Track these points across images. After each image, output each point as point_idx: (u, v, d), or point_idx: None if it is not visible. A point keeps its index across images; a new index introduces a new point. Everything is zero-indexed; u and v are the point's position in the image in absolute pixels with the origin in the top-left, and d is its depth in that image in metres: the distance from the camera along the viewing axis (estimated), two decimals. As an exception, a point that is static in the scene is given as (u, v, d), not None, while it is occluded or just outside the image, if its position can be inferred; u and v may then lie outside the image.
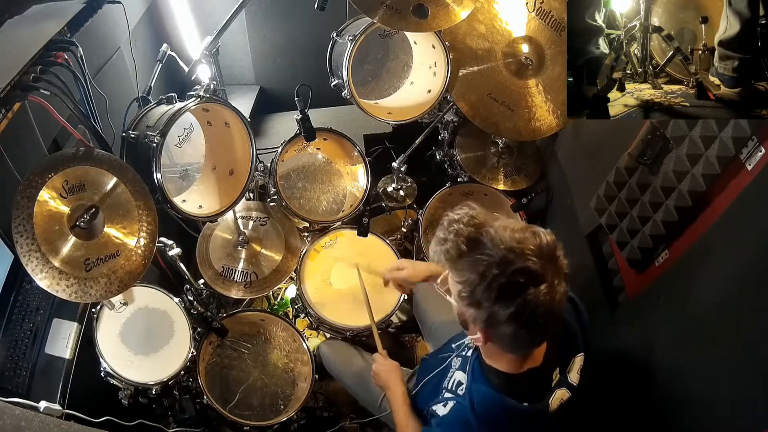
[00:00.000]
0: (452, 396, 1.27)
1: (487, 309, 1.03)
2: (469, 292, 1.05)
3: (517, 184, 2.41)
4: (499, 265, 1.00)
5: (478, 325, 1.08)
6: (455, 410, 1.21)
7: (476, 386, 1.19)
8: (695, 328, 1.35)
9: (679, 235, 1.48)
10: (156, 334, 1.81)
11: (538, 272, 0.99)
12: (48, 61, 1.48)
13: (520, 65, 2.03)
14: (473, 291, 1.04)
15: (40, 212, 1.34)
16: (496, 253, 1.01)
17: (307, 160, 2.29)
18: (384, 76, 2.29)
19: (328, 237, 2.20)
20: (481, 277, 1.01)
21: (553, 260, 1.02)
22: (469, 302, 1.06)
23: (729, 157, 1.29)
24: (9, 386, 1.46)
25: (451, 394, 1.29)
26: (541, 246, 1.01)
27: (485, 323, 1.05)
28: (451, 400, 1.26)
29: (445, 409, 1.25)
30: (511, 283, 0.99)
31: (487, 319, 1.04)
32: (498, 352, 1.16)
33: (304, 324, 2.18)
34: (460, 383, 1.28)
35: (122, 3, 2.02)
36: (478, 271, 1.02)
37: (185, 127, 1.90)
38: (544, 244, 1.02)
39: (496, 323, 1.03)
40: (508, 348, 1.12)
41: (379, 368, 1.61)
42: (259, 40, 3.00)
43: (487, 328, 1.07)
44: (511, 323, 1.02)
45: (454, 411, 1.22)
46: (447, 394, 1.30)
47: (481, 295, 1.02)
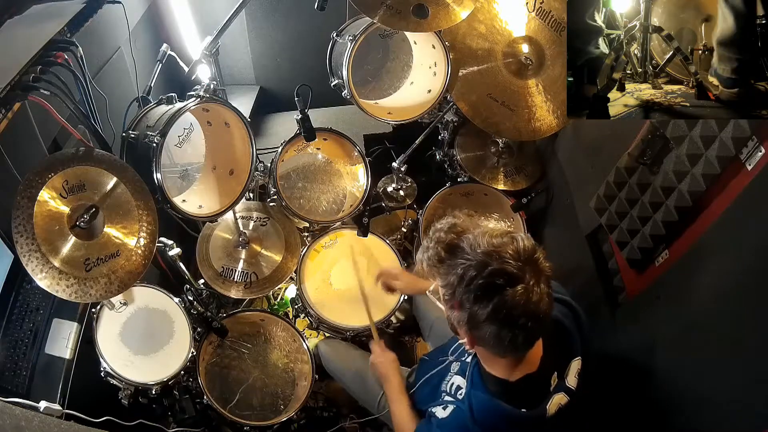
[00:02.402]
0: (452, 400, 1.28)
1: (467, 310, 1.07)
2: (451, 294, 1.09)
3: (517, 184, 2.41)
4: (477, 267, 1.04)
5: (463, 327, 1.11)
6: (455, 415, 1.23)
7: (474, 392, 1.21)
8: (695, 328, 1.35)
9: (679, 235, 1.48)
10: (156, 334, 1.81)
11: (514, 273, 1.02)
12: (48, 61, 1.47)
13: (520, 65, 2.03)
14: (454, 293, 1.08)
15: (40, 212, 1.34)
16: (474, 256, 1.05)
17: (307, 160, 2.29)
18: (384, 76, 2.29)
19: (328, 237, 2.20)
20: (460, 279, 1.06)
21: (531, 263, 1.05)
22: (452, 304, 1.11)
23: (729, 157, 1.29)
24: (9, 386, 1.46)
25: (450, 397, 1.30)
26: (518, 249, 1.05)
27: (468, 324, 1.09)
28: (450, 403, 1.27)
29: (444, 412, 1.26)
30: (488, 284, 1.03)
31: (469, 320, 1.07)
32: (491, 357, 1.18)
33: (304, 324, 2.18)
34: (460, 388, 1.29)
35: (122, 3, 2.02)
36: (457, 273, 1.07)
37: (185, 127, 1.90)
38: (522, 247, 1.06)
39: (477, 324, 1.06)
40: (496, 350, 1.12)
41: (377, 359, 1.63)
42: (259, 40, 3.00)
43: (471, 330, 1.10)
44: (490, 323, 1.05)
45: (454, 415, 1.23)
46: (446, 397, 1.31)
47: (462, 296, 1.06)
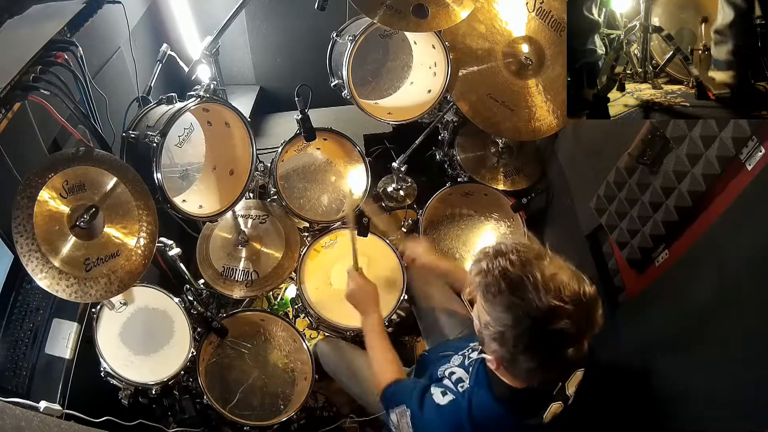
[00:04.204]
0: (452, 389, 1.26)
1: (511, 352, 1.02)
2: (499, 332, 1.03)
3: (517, 184, 2.41)
4: (537, 319, 0.97)
5: (496, 356, 1.07)
6: (451, 407, 1.21)
7: (477, 390, 1.19)
8: (695, 328, 1.35)
9: (679, 235, 1.48)
10: (156, 334, 1.81)
11: (573, 336, 0.97)
12: (48, 61, 1.47)
13: (520, 65, 2.03)
14: (503, 332, 1.02)
15: (40, 212, 1.34)
16: (539, 305, 0.97)
17: (307, 160, 2.29)
18: (384, 76, 2.29)
19: (328, 237, 2.19)
20: (515, 322, 1.00)
21: (590, 319, 1.00)
22: (495, 338, 1.04)
23: (729, 157, 1.29)
24: (9, 386, 1.46)
25: (451, 384, 1.27)
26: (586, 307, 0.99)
27: (505, 360, 1.05)
28: (450, 392, 1.24)
29: (443, 399, 1.23)
30: (543, 341, 0.98)
31: (510, 360, 1.04)
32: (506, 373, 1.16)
33: (304, 324, 2.17)
34: (461, 380, 1.27)
35: (122, 3, 2.02)
36: (514, 315, 1.00)
37: (185, 127, 1.90)
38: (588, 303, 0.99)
39: (516, 365, 1.04)
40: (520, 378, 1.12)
41: (354, 285, 1.50)
42: (259, 40, 3.00)
43: (505, 365, 1.07)
44: (530, 369, 1.03)
45: (450, 407, 1.21)
46: (447, 382, 1.28)
47: (511, 339, 1.01)
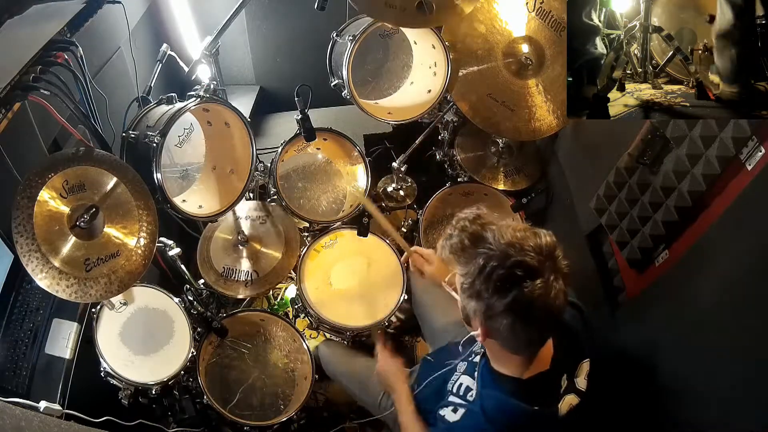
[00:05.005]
0: (462, 402, 1.27)
1: (485, 300, 1.07)
2: (470, 283, 1.09)
3: (517, 184, 2.41)
4: (498, 258, 1.05)
5: (478, 317, 1.11)
6: (468, 417, 1.22)
7: (487, 392, 1.20)
8: (695, 328, 1.35)
9: (679, 235, 1.48)
10: (156, 334, 1.81)
11: (535, 267, 1.03)
12: (48, 61, 1.47)
13: (520, 65, 2.02)
14: (473, 282, 1.08)
15: (40, 212, 1.34)
16: (497, 247, 1.06)
17: (307, 160, 2.29)
18: (384, 76, 2.29)
19: (328, 237, 2.19)
20: (480, 268, 1.06)
21: (551, 258, 1.06)
22: (470, 294, 1.10)
23: (729, 157, 1.29)
24: (9, 386, 1.46)
25: (459, 399, 1.29)
26: (540, 244, 1.06)
27: (484, 315, 1.09)
28: (461, 406, 1.25)
29: (455, 415, 1.25)
30: (508, 275, 1.03)
31: (485, 311, 1.08)
32: (502, 353, 1.17)
33: (304, 324, 2.17)
34: (469, 389, 1.28)
35: (122, 3, 2.02)
36: (478, 263, 1.07)
37: (185, 127, 1.90)
38: (544, 243, 1.07)
39: (494, 315, 1.07)
40: (509, 344, 1.13)
41: (383, 370, 1.61)
42: (259, 40, 3.00)
43: (486, 321, 1.10)
44: (507, 315, 1.05)
45: (467, 418, 1.22)
46: (454, 398, 1.30)
47: (480, 286, 1.07)
